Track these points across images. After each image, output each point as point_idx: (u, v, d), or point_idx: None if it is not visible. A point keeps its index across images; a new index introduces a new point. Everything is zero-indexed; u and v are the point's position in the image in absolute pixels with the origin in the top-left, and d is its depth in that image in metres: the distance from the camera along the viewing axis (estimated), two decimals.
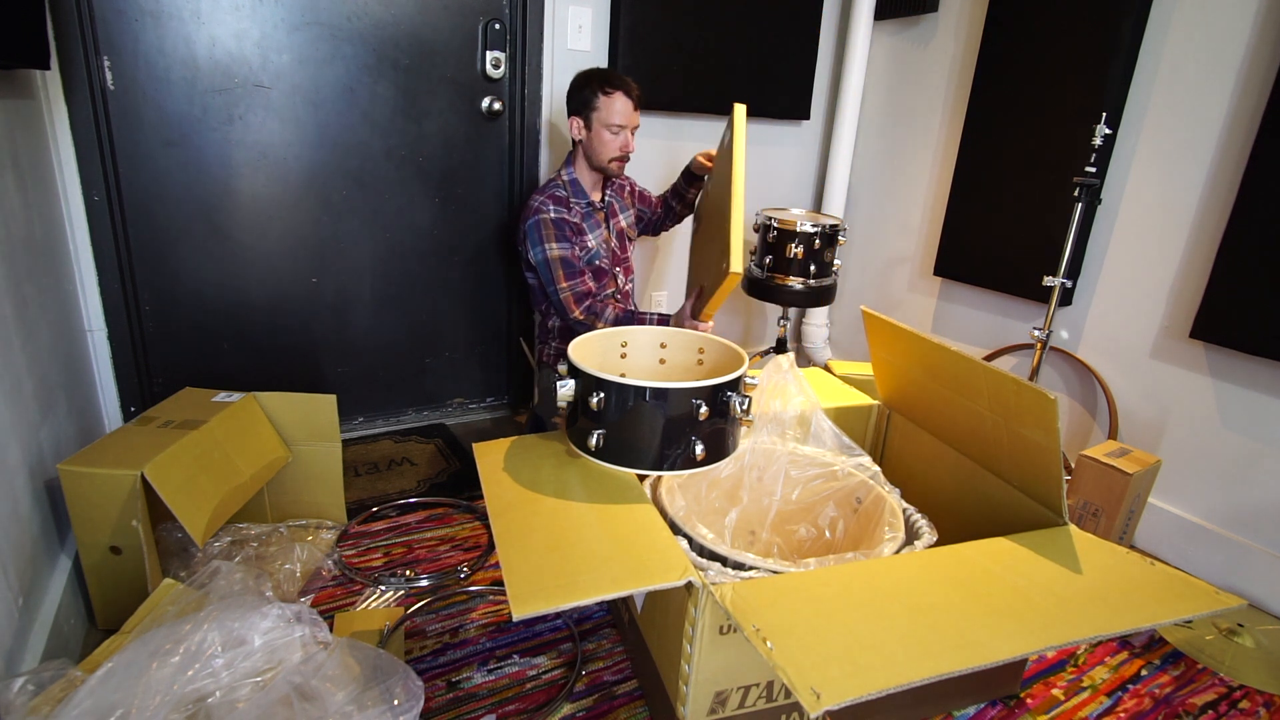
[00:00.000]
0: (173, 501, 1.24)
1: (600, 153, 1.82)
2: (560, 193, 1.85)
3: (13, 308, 1.24)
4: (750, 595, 0.98)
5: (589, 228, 1.88)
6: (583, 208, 1.87)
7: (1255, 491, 1.68)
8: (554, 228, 1.79)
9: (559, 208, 1.82)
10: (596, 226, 1.91)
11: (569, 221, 1.82)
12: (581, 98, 1.78)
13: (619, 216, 1.99)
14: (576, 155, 1.88)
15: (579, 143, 1.84)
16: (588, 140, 1.81)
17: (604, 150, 1.81)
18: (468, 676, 1.28)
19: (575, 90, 1.80)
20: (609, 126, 1.78)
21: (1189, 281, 1.78)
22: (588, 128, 1.80)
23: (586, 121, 1.79)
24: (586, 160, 1.86)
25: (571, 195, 1.86)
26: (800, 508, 1.48)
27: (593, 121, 1.78)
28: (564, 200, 1.84)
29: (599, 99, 1.76)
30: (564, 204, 1.84)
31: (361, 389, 2.23)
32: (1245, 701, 1.36)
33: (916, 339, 1.44)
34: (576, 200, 1.86)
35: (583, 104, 1.78)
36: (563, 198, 1.84)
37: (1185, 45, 1.75)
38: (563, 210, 1.82)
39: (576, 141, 1.84)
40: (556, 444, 1.40)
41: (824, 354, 2.83)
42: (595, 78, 1.77)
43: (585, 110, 1.78)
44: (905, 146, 2.51)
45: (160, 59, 1.72)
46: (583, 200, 1.87)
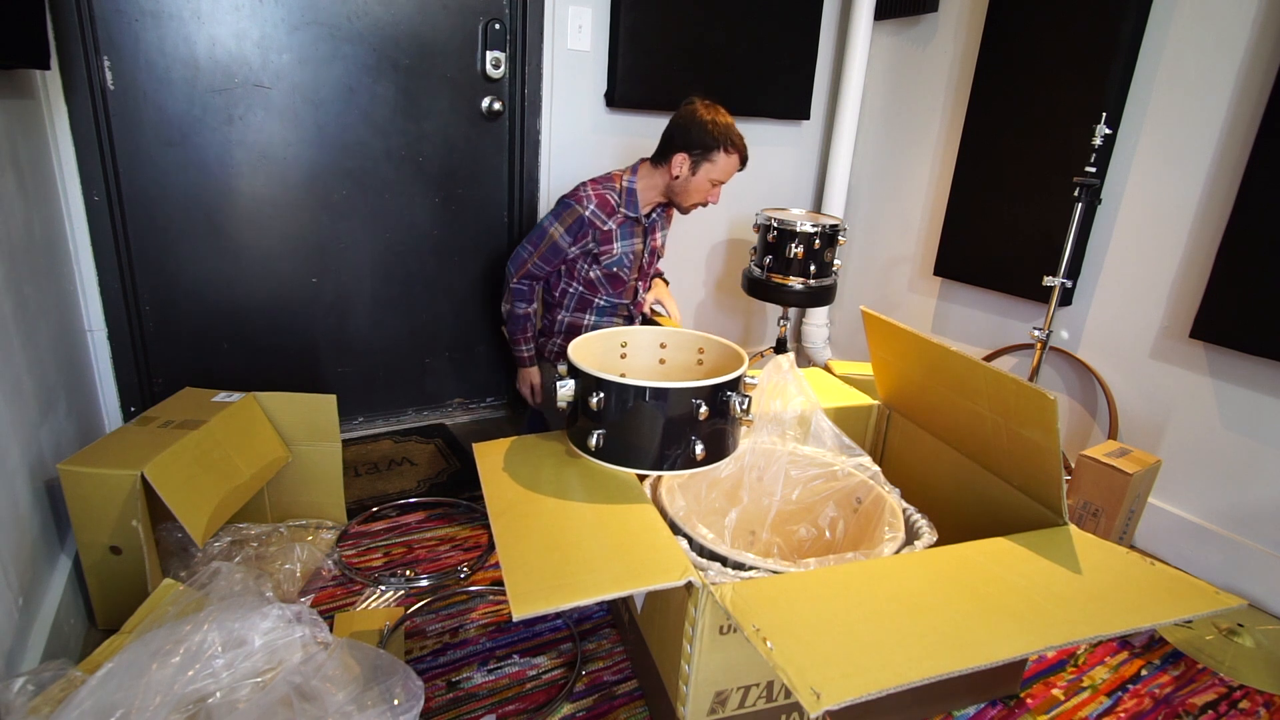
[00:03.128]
0: (173, 501, 1.24)
1: (690, 196, 1.82)
2: (613, 197, 1.81)
3: (13, 308, 1.24)
4: (750, 595, 0.98)
5: (621, 236, 1.85)
6: (626, 218, 1.84)
7: (1255, 491, 1.68)
8: (574, 223, 1.77)
9: (601, 212, 1.79)
10: (631, 237, 1.87)
11: (598, 228, 1.80)
12: (702, 142, 1.73)
13: (657, 235, 1.97)
14: (651, 174, 1.83)
15: (672, 176, 1.79)
16: (685, 180, 1.78)
17: (695, 196, 1.82)
18: (468, 676, 1.28)
19: (698, 131, 1.73)
20: (713, 180, 1.79)
21: (1189, 281, 1.78)
22: (693, 172, 1.77)
23: (695, 165, 1.76)
24: (664, 188, 1.83)
25: (622, 204, 1.82)
26: (800, 508, 1.48)
27: (700, 169, 1.76)
28: (612, 206, 1.81)
29: (719, 154, 1.75)
30: (609, 210, 1.80)
31: (361, 389, 2.23)
32: (1245, 701, 1.36)
33: (916, 339, 1.44)
34: (625, 210, 1.83)
35: (701, 148, 1.74)
36: (612, 204, 1.81)
37: (1185, 45, 1.75)
38: (601, 215, 1.79)
39: (672, 175, 1.79)
40: (556, 444, 1.40)
41: (824, 354, 2.83)
42: (723, 134, 1.73)
43: (701, 156, 1.75)
44: (905, 146, 2.51)
45: (160, 59, 1.72)
46: (630, 212, 1.83)
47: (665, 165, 1.79)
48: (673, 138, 1.77)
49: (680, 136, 1.75)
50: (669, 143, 1.78)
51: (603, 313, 1.95)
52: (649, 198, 1.86)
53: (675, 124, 1.77)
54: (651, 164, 1.84)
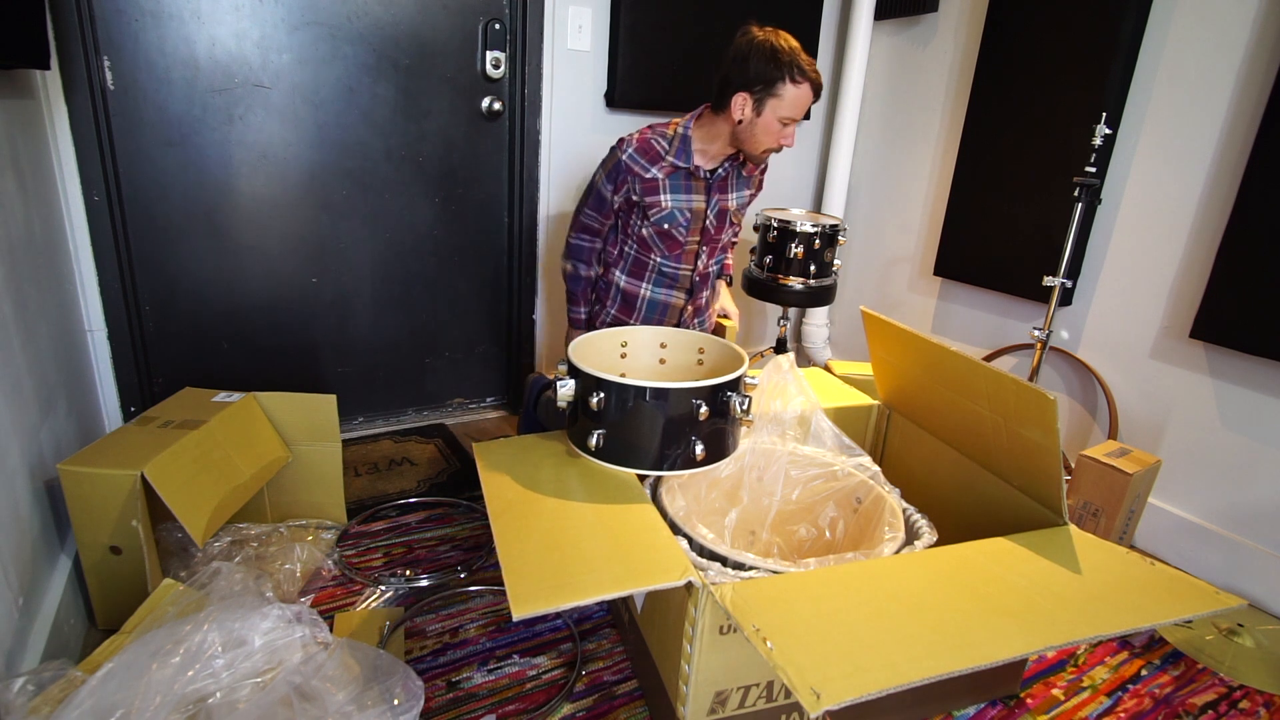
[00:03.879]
0: (173, 501, 1.24)
1: (761, 141, 1.59)
2: (659, 143, 1.63)
3: (13, 308, 1.24)
4: (750, 595, 0.98)
5: (671, 188, 1.65)
6: (680, 164, 1.64)
7: (1255, 491, 1.68)
8: (613, 168, 1.64)
9: (639, 157, 1.62)
10: (687, 192, 1.67)
11: (639, 174, 1.63)
12: (764, 76, 1.51)
13: (729, 195, 1.73)
14: (712, 121, 1.63)
15: (734, 121, 1.58)
16: (749, 123, 1.56)
17: (766, 139, 1.58)
18: (468, 676, 1.28)
19: (757, 63, 1.51)
20: (782, 118, 1.55)
21: (1189, 281, 1.78)
22: (757, 112, 1.54)
23: (759, 105, 1.54)
24: (730, 137, 1.62)
25: (671, 152, 1.63)
26: (800, 508, 1.48)
27: (766, 108, 1.53)
28: (655, 152, 1.63)
29: (785, 86, 1.51)
30: (651, 155, 1.63)
31: (361, 389, 2.23)
32: (1245, 701, 1.36)
33: (916, 339, 1.44)
34: (674, 159, 1.63)
35: (763, 83, 1.52)
36: (656, 149, 1.63)
37: (1185, 45, 1.75)
38: (640, 161, 1.63)
39: (734, 120, 1.57)
40: (556, 444, 1.40)
41: (824, 354, 2.83)
42: (785, 57, 1.51)
43: (764, 91, 1.52)
44: (905, 146, 2.51)
45: (160, 59, 1.72)
46: (680, 161, 1.63)
47: (726, 110, 1.57)
48: (729, 76, 1.55)
49: (738, 73, 1.53)
50: (726, 83, 1.56)
51: (660, 282, 1.76)
52: (713, 149, 1.65)
53: (731, 59, 1.55)
54: (712, 110, 1.63)
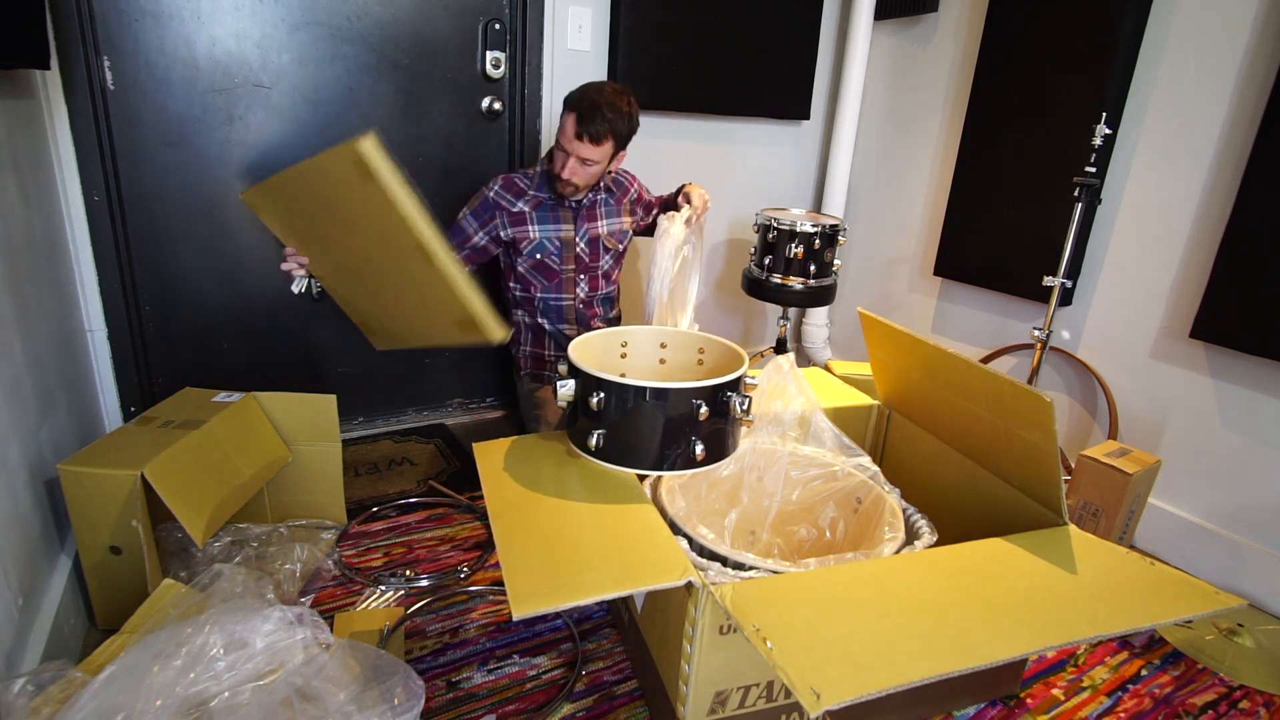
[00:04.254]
0: (172, 501, 1.24)
1: (554, 166, 1.76)
2: (522, 181, 1.83)
3: (13, 308, 1.24)
4: (750, 595, 0.98)
5: (538, 218, 1.83)
6: (543, 198, 1.83)
7: (1255, 491, 1.68)
8: (479, 203, 1.82)
9: (505, 192, 1.82)
10: (554, 221, 1.84)
11: (505, 209, 1.81)
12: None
13: (599, 223, 1.91)
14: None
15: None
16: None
17: (553, 163, 1.76)
18: (468, 676, 1.28)
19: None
20: (557, 143, 1.73)
21: (1189, 281, 1.78)
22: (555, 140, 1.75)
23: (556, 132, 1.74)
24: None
25: (533, 186, 1.83)
26: (800, 508, 1.48)
27: (557, 134, 1.73)
28: (519, 189, 1.82)
29: (563, 112, 1.69)
30: (516, 191, 1.82)
31: (361, 389, 2.23)
32: (1245, 701, 1.36)
33: (914, 341, 1.44)
34: (537, 192, 1.83)
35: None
36: (520, 185, 1.83)
37: (1185, 45, 1.75)
38: (506, 196, 1.81)
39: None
40: (556, 444, 1.40)
41: (824, 354, 2.83)
42: (576, 90, 1.69)
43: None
44: (905, 146, 2.51)
45: (160, 59, 1.72)
46: (544, 194, 1.83)
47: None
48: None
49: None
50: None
51: (549, 313, 1.94)
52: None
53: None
54: None
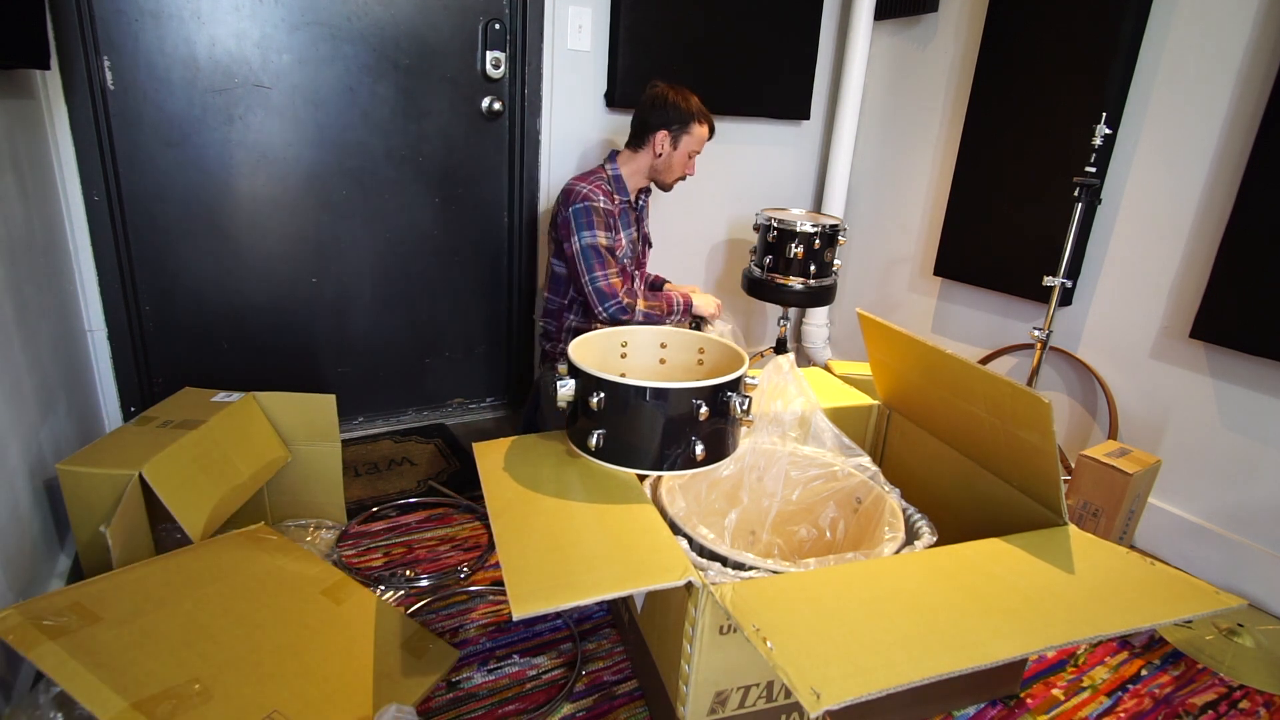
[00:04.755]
0: (171, 501, 1.24)
1: (674, 171, 1.89)
2: (605, 187, 1.84)
3: (13, 308, 1.24)
4: (750, 595, 0.97)
5: (623, 225, 1.89)
6: (621, 204, 1.88)
7: (1255, 491, 1.68)
8: (603, 216, 1.79)
9: (608, 201, 1.82)
10: (629, 226, 1.91)
11: (614, 215, 1.84)
12: (679, 118, 1.82)
13: (645, 222, 2.01)
14: (634, 158, 1.88)
15: (655, 154, 1.85)
16: (668, 157, 1.85)
17: (678, 170, 1.89)
18: (468, 676, 1.28)
19: (672, 107, 1.82)
20: (691, 151, 1.87)
21: (1189, 281, 1.78)
22: (674, 146, 1.85)
23: (675, 141, 1.84)
24: (649, 170, 1.89)
25: (616, 190, 1.87)
26: (800, 508, 1.48)
27: (681, 143, 1.85)
28: (610, 194, 1.84)
29: (694, 125, 1.84)
30: (610, 197, 1.84)
31: (361, 389, 2.23)
32: (1245, 701, 1.36)
33: (912, 342, 1.44)
34: (620, 196, 1.87)
35: (679, 124, 1.83)
36: (609, 191, 1.85)
37: (1185, 45, 1.75)
38: (610, 203, 1.83)
39: (655, 154, 1.85)
40: (556, 444, 1.40)
41: (824, 354, 2.83)
42: (692, 102, 1.84)
43: (679, 130, 1.83)
44: (905, 146, 2.51)
45: (160, 59, 1.72)
46: (624, 197, 1.89)
47: (646, 147, 1.86)
48: (648, 120, 1.85)
49: (657, 117, 1.83)
50: (645, 125, 1.85)
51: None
52: (635, 183, 1.91)
53: (649, 106, 1.84)
54: (630, 149, 1.89)
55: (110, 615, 1.01)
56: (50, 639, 0.94)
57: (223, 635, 1.06)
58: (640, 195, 1.97)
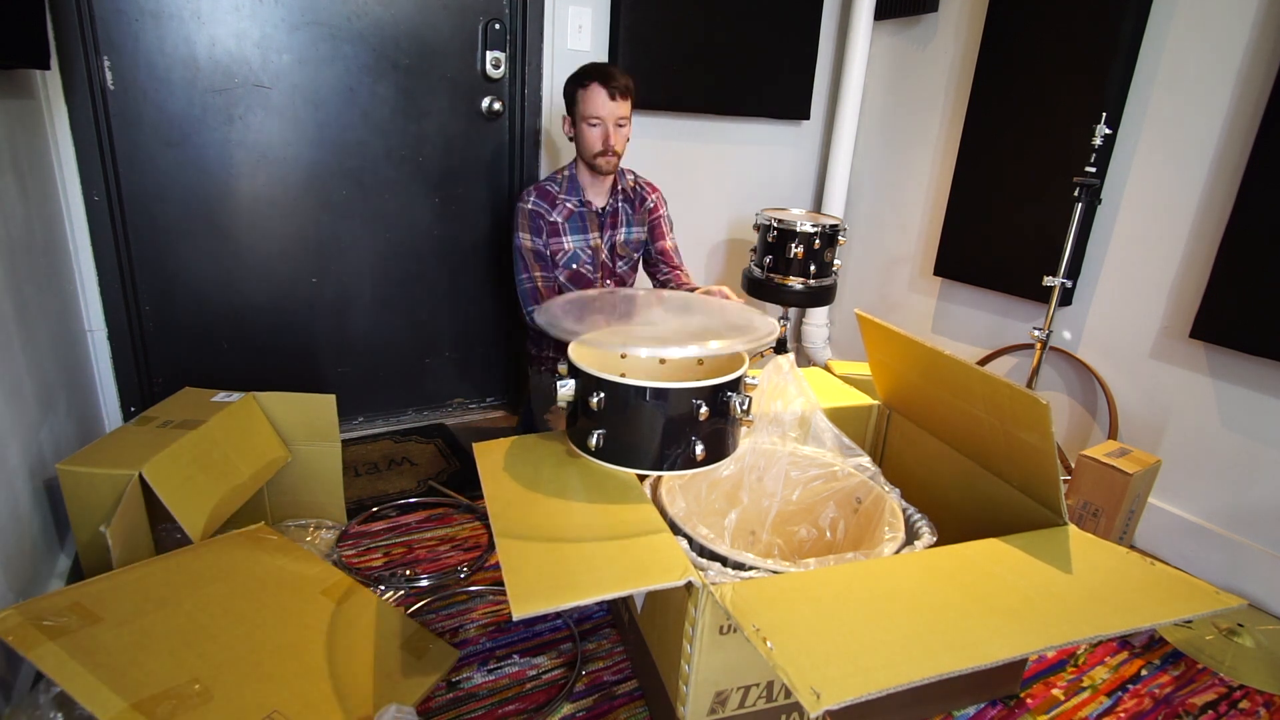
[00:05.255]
0: (171, 501, 1.24)
1: (585, 148, 1.79)
2: (552, 187, 1.83)
3: (13, 308, 1.24)
4: (750, 595, 0.97)
5: (571, 228, 1.84)
6: (574, 206, 1.84)
7: (1255, 491, 1.68)
8: (528, 218, 1.80)
9: (541, 201, 1.81)
10: (584, 230, 1.86)
11: (545, 217, 1.81)
12: (568, 94, 1.78)
13: (620, 230, 1.92)
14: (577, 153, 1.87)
15: (570, 140, 1.83)
16: (577, 137, 1.80)
17: (587, 145, 1.78)
18: (468, 676, 1.28)
19: (565, 88, 1.79)
20: (587, 120, 1.75)
21: (1189, 281, 1.78)
22: (574, 124, 1.79)
23: (573, 117, 1.79)
24: (581, 159, 1.84)
25: (563, 191, 1.83)
26: (800, 508, 1.48)
27: (576, 116, 1.77)
28: (552, 195, 1.83)
29: (578, 92, 1.75)
30: (550, 199, 1.82)
31: (361, 389, 2.23)
32: (1245, 701, 1.36)
33: (911, 343, 1.44)
34: (568, 197, 1.83)
35: (569, 100, 1.78)
36: (552, 193, 1.83)
37: (1185, 45, 1.75)
38: (543, 205, 1.81)
39: (570, 139, 1.83)
40: (556, 444, 1.40)
41: (824, 354, 2.83)
42: (576, 72, 1.76)
43: (570, 106, 1.78)
44: (905, 147, 2.51)
45: (160, 59, 1.72)
46: (575, 199, 1.84)
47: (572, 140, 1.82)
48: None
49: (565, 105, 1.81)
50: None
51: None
52: (590, 180, 1.86)
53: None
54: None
55: (110, 615, 1.01)
56: (50, 639, 0.93)
57: (223, 635, 1.06)
58: (616, 198, 1.89)
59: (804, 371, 1.66)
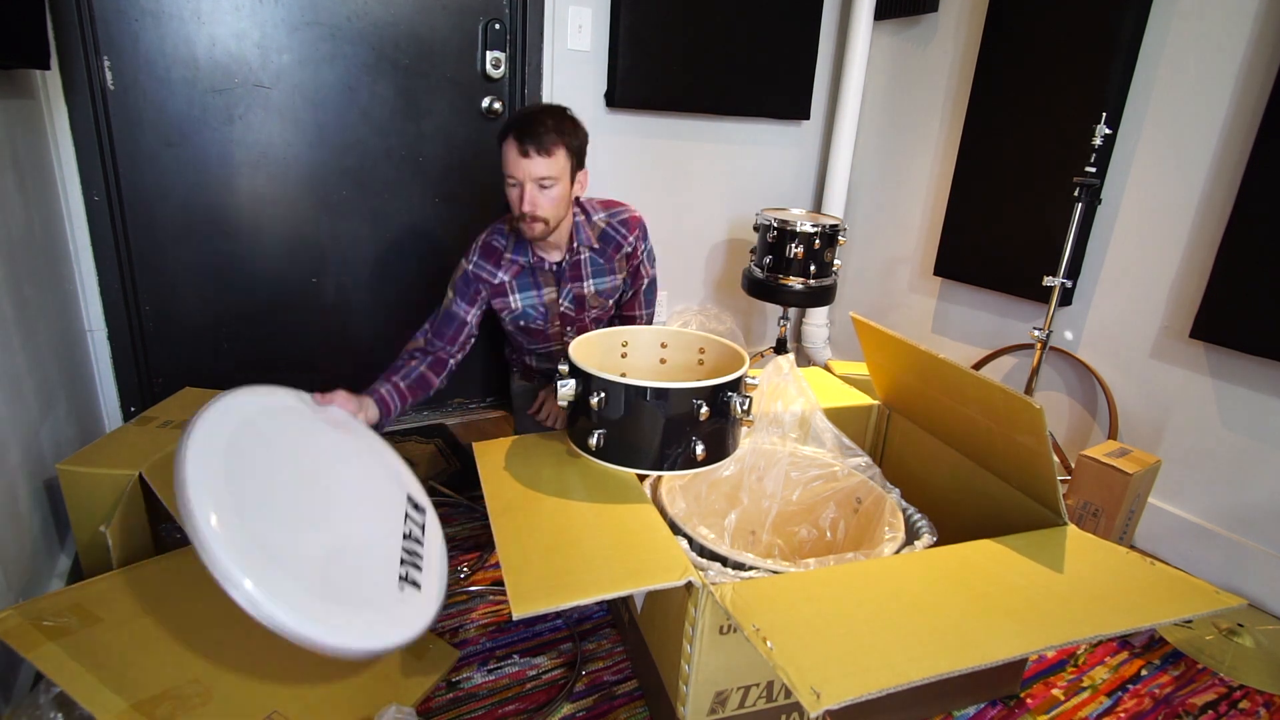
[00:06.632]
0: (171, 501, 1.24)
1: (512, 208, 1.49)
2: (499, 241, 1.59)
3: (13, 308, 1.24)
4: (750, 595, 0.98)
5: (519, 286, 1.62)
6: (523, 263, 1.59)
7: (1255, 491, 1.68)
8: (460, 279, 1.58)
9: (484, 262, 1.59)
10: (535, 287, 1.63)
11: (486, 281, 1.59)
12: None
13: (584, 282, 1.66)
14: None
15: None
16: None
17: (513, 205, 1.49)
18: (468, 676, 1.28)
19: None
20: (505, 177, 1.47)
21: (1189, 281, 1.78)
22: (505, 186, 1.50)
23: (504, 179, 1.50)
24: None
25: (508, 250, 1.59)
26: (801, 508, 1.48)
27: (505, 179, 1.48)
28: (498, 254, 1.59)
29: (502, 149, 1.45)
30: (495, 258, 1.59)
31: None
32: (1245, 701, 1.36)
33: (906, 347, 1.44)
34: (514, 258, 1.59)
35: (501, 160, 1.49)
36: (498, 249, 1.59)
37: (1185, 45, 1.75)
38: (486, 266, 1.59)
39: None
40: (556, 444, 1.40)
41: (824, 354, 2.83)
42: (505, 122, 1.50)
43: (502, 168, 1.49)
44: (905, 146, 2.51)
45: (160, 59, 1.72)
46: (522, 259, 1.59)
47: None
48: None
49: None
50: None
51: (541, 359, 1.83)
52: (551, 239, 1.57)
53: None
54: None
55: (111, 616, 1.02)
56: (50, 640, 0.94)
57: (223, 635, 1.06)
58: (576, 250, 1.61)
59: (804, 371, 1.66)
